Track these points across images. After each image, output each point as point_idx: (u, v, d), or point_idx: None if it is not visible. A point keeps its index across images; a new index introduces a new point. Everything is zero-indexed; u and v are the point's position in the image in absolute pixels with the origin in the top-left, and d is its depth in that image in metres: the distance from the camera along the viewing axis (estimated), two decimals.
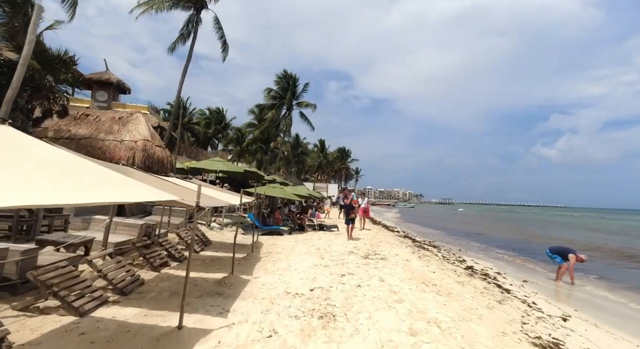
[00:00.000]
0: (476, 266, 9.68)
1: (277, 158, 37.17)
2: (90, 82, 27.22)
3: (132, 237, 6.69)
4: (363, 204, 14.03)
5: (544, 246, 11.60)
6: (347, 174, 76.19)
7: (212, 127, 41.98)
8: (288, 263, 7.57)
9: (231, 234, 12.31)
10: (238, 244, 9.91)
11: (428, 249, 12.10)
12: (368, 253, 9.30)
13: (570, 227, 35.87)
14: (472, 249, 15.20)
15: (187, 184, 6.58)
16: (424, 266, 8.09)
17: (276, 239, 11.65)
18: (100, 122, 10.49)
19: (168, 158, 11.78)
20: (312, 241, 11.54)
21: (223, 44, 23.33)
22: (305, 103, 33.24)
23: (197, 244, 8.36)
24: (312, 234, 13.70)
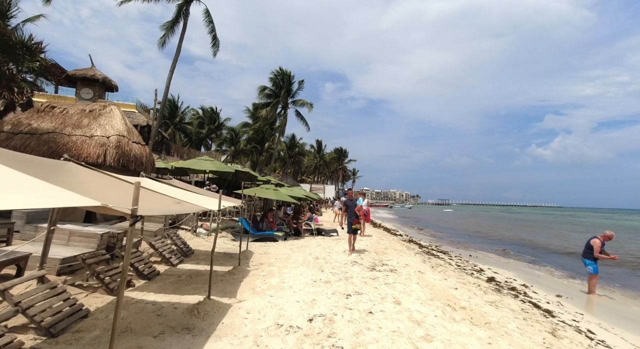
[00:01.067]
0: (496, 276, 8.51)
1: (272, 159, 35.87)
2: (75, 78, 25.87)
3: (91, 250, 5.44)
4: (364, 206, 12.47)
5: (555, 248, 10.46)
6: (344, 175, 75.03)
7: (206, 127, 40.68)
8: (281, 278, 6.34)
9: (220, 240, 11.06)
10: (225, 254, 8.70)
11: (439, 257, 10.92)
12: (374, 263, 8.09)
13: (585, 227, 34.97)
14: (480, 252, 14.07)
15: (156, 185, 5.35)
16: (442, 279, 6.90)
17: (269, 247, 10.42)
18: (68, 115, 9.20)
19: (148, 157, 10.49)
20: (310, 248, 10.32)
21: (213, 38, 22.10)
22: (301, 101, 32.05)
23: (175, 255, 7.11)
24: (310, 240, 12.47)
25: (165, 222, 9.13)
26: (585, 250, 8.21)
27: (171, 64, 20.08)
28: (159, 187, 5.11)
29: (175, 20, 20.86)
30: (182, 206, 4.41)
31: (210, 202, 5.54)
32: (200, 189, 8.33)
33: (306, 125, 32.85)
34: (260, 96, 31.79)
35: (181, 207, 4.56)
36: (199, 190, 7.86)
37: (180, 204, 4.32)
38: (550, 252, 15.80)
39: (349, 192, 10.41)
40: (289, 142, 50.95)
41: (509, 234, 25.75)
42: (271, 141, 37.75)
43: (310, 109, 31.90)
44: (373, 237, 13.63)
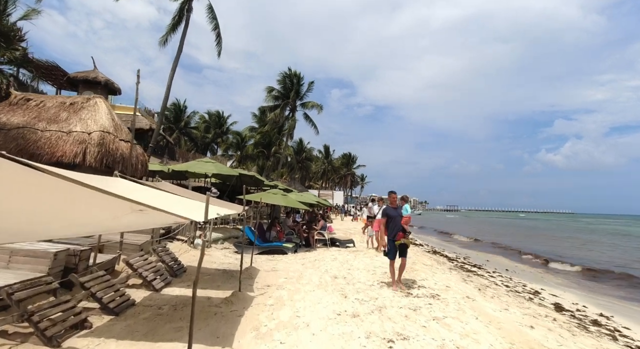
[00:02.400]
0: (559, 300, 6.87)
1: (279, 164, 34.52)
2: (76, 81, 24.85)
3: (39, 275, 4.01)
4: (379, 215, 10.10)
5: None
6: (352, 181, 73.35)
7: (212, 131, 39.59)
8: (294, 309, 4.84)
9: (220, 253, 9.62)
10: (224, 273, 7.20)
11: (477, 273, 9.29)
12: (407, 285, 6.54)
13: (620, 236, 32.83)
14: (510, 263, 12.38)
15: (127, 186, 3.95)
16: (502, 310, 5.31)
17: (278, 261, 8.92)
18: (44, 108, 7.92)
19: (139, 157, 9.15)
20: (325, 263, 8.79)
21: (217, 36, 20.93)
22: (310, 104, 30.73)
23: (161, 276, 5.66)
24: (323, 251, 10.93)
25: (154, 233, 7.71)
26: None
27: (173, 62, 18.95)
28: (127, 189, 3.69)
29: (178, 17, 19.78)
30: (148, 215, 2.97)
31: (198, 209, 4.09)
32: (196, 195, 6.92)
33: (315, 128, 31.51)
34: (267, 98, 30.58)
35: (148, 219, 3.11)
36: (194, 195, 6.44)
37: (146, 212, 2.88)
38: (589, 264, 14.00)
39: (393, 196, 6.84)
40: (296, 147, 49.62)
41: (535, 245, 23.89)
42: (278, 145, 36.46)
43: (320, 111, 30.58)
44: None
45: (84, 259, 4.83)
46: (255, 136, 38.04)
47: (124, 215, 2.74)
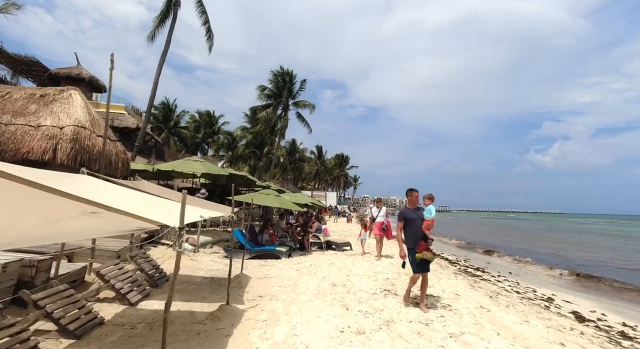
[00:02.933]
0: (576, 307, 6.38)
1: (272, 164, 33.80)
2: (58, 77, 23.78)
3: None
4: (380, 218, 9.18)
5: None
6: (345, 182, 72.93)
7: (202, 131, 38.67)
8: (290, 325, 4.22)
9: (209, 258, 8.93)
10: (212, 281, 6.51)
11: (482, 278, 8.79)
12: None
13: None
14: (512, 266, 11.97)
15: (91, 184, 3.30)
16: (523, 322, 4.77)
17: (271, 267, 8.28)
18: (10, 100, 7.14)
19: (120, 155, 8.42)
20: (322, 268, 8.18)
21: (207, 31, 20.21)
22: (302, 103, 30.11)
23: (138, 287, 4.98)
24: (319, 255, 10.32)
25: (135, 238, 7.00)
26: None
27: (160, 58, 18.16)
28: (86, 187, 3.04)
29: (165, 11, 19.00)
30: (106, 219, 2.33)
31: (176, 212, 3.45)
32: (180, 196, 6.27)
33: (308, 127, 30.88)
34: (260, 96, 29.86)
35: (104, 224, 2.49)
36: (178, 196, 5.78)
37: (102, 215, 2.24)
38: (596, 265, 13.67)
39: (414, 195, 5.22)
40: (289, 147, 48.96)
41: (538, 246, 23.68)
42: (271, 145, 35.75)
43: (312, 110, 29.99)
44: (392, 249, 11.48)
45: (43, 270, 4.13)
46: (247, 136, 37.27)
47: (70, 218, 2.09)
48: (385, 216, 9.45)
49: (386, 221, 9.31)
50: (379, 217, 9.27)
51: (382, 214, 9.37)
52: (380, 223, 9.16)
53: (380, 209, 9.52)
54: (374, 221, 9.32)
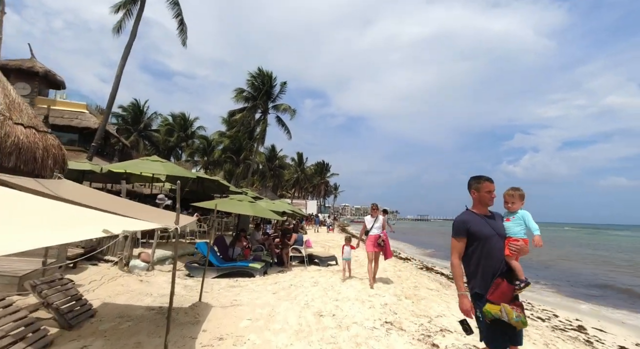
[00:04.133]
0: (614, 337, 5.23)
1: (249, 170, 32.02)
2: (7, 70, 21.26)
3: None
4: (375, 230, 7.05)
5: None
6: (326, 190, 71.73)
7: (175, 135, 36.40)
8: None
9: (165, 278, 7.27)
10: (160, 312, 4.94)
11: None
12: (423, 326, 4.63)
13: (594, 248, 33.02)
14: None
15: None
16: None
17: (241, 288, 6.76)
18: None
19: (51, 150, 6.71)
20: (304, 289, 6.73)
21: (180, 23, 18.63)
22: (283, 106, 28.74)
23: (33, 333, 3.36)
24: (300, 272, 8.86)
25: (59, 257, 5.30)
26: None
27: (124, 50, 16.35)
28: None
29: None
30: None
31: (79, 224, 1.95)
32: (120, 202, 4.76)
33: (288, 132, 29.47)
34: (237, 98, 28.25)
35: None
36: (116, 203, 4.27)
37: None
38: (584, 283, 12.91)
39: (486, 188, 2.68)
40: (268, 153, 47.30)
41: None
42: (249, 151, 34.02)
43: (293, 114, 28.66)
44: (382, 264, 10.15)
45: None
46: (225, 140, 35.41)
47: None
48: (382, 228, 7.14)
49: (383, 234, 7.07)
50: (373, 229, 7.06)
51: (379, 225, 7.10)
52: (375, 237, 7.00)
53: (376, 218, 7.16)
54: (367, 234, 7.18)
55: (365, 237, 7.28)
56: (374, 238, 6.97)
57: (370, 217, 7.25)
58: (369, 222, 7.17)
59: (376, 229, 7.04)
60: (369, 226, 7.11)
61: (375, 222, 7.09)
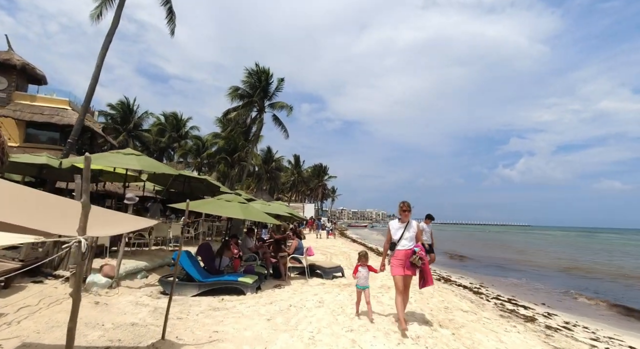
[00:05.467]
0: None
1: (244, 172, 30.48)
2: None
3: None
4: (406, 243, 4.59)
5: None
6: (323, 193, 70.26)
7: (167, 135, 34.84)
8: None
9: (133, 297, 5.79)
10: None
11: (533, 319, 6.16)
12: None
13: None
14: (532, 292, 9.57)
15: None
16: None
17: (227, 310, 5.29)
18: None
19: None
20: (308, 312, 5.27)
21: (169, 12, 17.22)
22: (279, 104, 27.31)
23: None
24: (301, 286, 7.39)
25: None
26: None
27: (105, 38, 14.87)
28: None
29: None
30: None
31: None
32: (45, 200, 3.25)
33: (285, 131, 28.01)
34: (232, 96, 26.78)
35: None
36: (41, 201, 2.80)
37: None
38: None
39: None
40: (264, 155, 45.78)
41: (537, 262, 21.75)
42: (245, 153, 32.51)
43: (290, 112, 27.25)
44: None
45: None
46: (219, 141, 33.91)
47: None
48: (417, 240, 4.63)
49: (419, 248, 4.52)
50: (403, 240, 4.59)
51: (411, 235, 4.61)
52: (405, 253, 4.53)
53: (407, 224, 4.63)
54: (393, 248, 4.66)
55: (391, 253, 4.69)
56: (404, 255, 4.51)
57: (397, 223, 4.72)
58: (395, 230, 4.66)
59: (407, 242, 4.57)
60: (396, 236, 4.62)
61: (407, 230, 4.58)
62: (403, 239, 4.61)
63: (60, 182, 12.54)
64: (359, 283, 5.12)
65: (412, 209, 4.66)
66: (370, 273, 5.14)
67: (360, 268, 5.14)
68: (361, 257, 5.23)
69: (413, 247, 4.53)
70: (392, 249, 4.69)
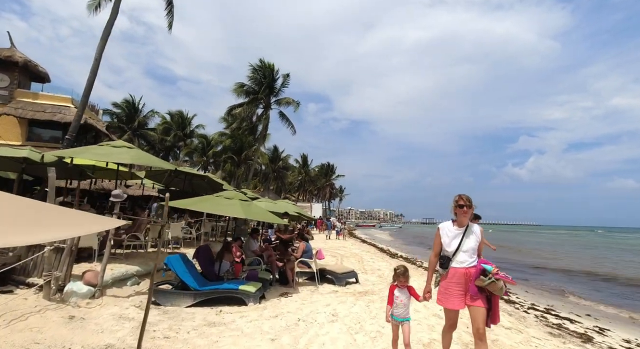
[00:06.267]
0: None
1: (251, 171, 29.78)
2: None
3: None
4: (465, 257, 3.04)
5: None
6: (331, 193, 69.35)
7: (172, 133, 34.34)
8: None
9: (117, 309, 5.00)
10: None
11: (581, 336, 5.22)
12: None
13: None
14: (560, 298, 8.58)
15: None
16: None
17: (225, 327, 4.47)
18: None
19: None
20: (320, 329, 4.43)
21: (168, 4, 16.54)
22: (286, 100, 26.54)
23: None
24: (310, 294, 6.54)
25: None
26: None
27: (104, 29, 14.23)
28: None
29: None
30: None
31: None
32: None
33: (292, 127, 27.23)
34: (237, 92, 26.09)
35: None
36: None
37: None
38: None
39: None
40: (271, 154, 45.09)
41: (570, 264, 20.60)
42: (253, 151, 31.81)
43: (297, 108, 26.45)
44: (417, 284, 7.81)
45: None
46: (225, 140, 33.26)
47: None
48: (479, 254, 3.15)
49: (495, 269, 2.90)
50: (460, 253, 3.08)
51: (472, 246, 3.08)
52: (468, 272, 3.02)
53: (466, 230, 3.11)
54: (446, 265, 3.10)
55: (441, 272, 3.16)
56: (464, 276, 3.02)
57: (452, 226, 3.17)
58: (451, 239, 3.12)
59: (468, 256, 3.05)
60: (451, 247, 3.10)
61: (466, 237, 3.08)
62: (461, 251, 3.03)
63: (59, 180, 11.92)
64: (395, 313, 3.38)
65: (475, 207, 3.14)
66: (409, 298, 3.43)
67: (398, 291, 3.41)
68: (399, 275, 3.42)
69: (479, 264, 2.96)
70: (443, 266, 3.13)
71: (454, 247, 3.08)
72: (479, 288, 2.91)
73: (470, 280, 2.95)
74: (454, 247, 3.08)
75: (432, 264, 3.26)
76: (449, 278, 3.07)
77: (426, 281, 3.23)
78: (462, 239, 3.07)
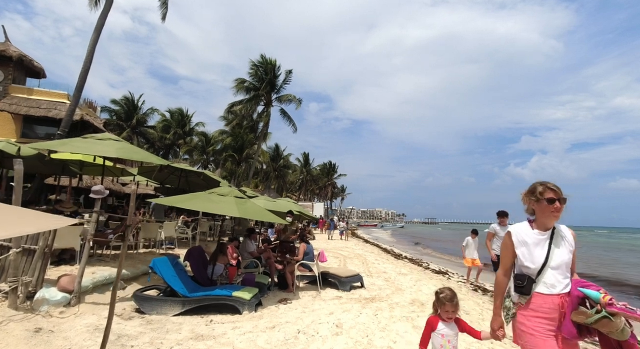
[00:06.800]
0: None
1: (251, 169, 29.21)
2: None
3: None
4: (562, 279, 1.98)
5: None
6: (332, 192, 68.76)
7: (172, 131, 33.82)
8: None
9: (87, 322, 4.44)
10: None
11: None
12: None
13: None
14: None
15: None
16: None
17: (214, 340, 3.90)
18: None
19: None
20: (322, 344, 3.86)
21: None
22: (287, 97, 25.95)
23: None
24: (311, 301, 5.96)
25: None
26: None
27: (98, 20, 13.69)
28: None
29: None
30: None
31: None
32: None
33: (293, 125, 26.63)
34: (237, 89, 25.53)
35: None
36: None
37: None
38: None
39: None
40: (272, 153, 44.54)
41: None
42: (256, 148, 31.27)
43: (299, 105, 25.85)
44: (427, 285, 7.18)
45: None
46: (225, 139, 32.73)
47: None
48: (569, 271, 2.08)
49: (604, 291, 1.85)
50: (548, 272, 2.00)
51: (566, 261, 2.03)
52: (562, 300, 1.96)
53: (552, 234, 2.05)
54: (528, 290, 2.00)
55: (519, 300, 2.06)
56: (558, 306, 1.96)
57: (530, 230, 2.13)
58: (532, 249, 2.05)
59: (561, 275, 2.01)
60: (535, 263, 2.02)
61: (555, 245, 2.05)
62: (550, 267, 1.99)
63: (56, 178, 11.44)
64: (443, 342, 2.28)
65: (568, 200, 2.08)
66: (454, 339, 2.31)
67: (443, 325, 2.31)
68: (443, 302, 2.30)
69: (575, 288, 1.95)
70: (522, 291, 2.03)
71: (539, 263, 1.98)
72: (579, 325, 1.83)
73: (562, 310, 1.93)
74: (540, 261, 1.98)
75: (502, 286, 2.16)
76: (534, 309, 1.97)
77: (493, 310, 2.18)
78: (549, 249, 2.00)
